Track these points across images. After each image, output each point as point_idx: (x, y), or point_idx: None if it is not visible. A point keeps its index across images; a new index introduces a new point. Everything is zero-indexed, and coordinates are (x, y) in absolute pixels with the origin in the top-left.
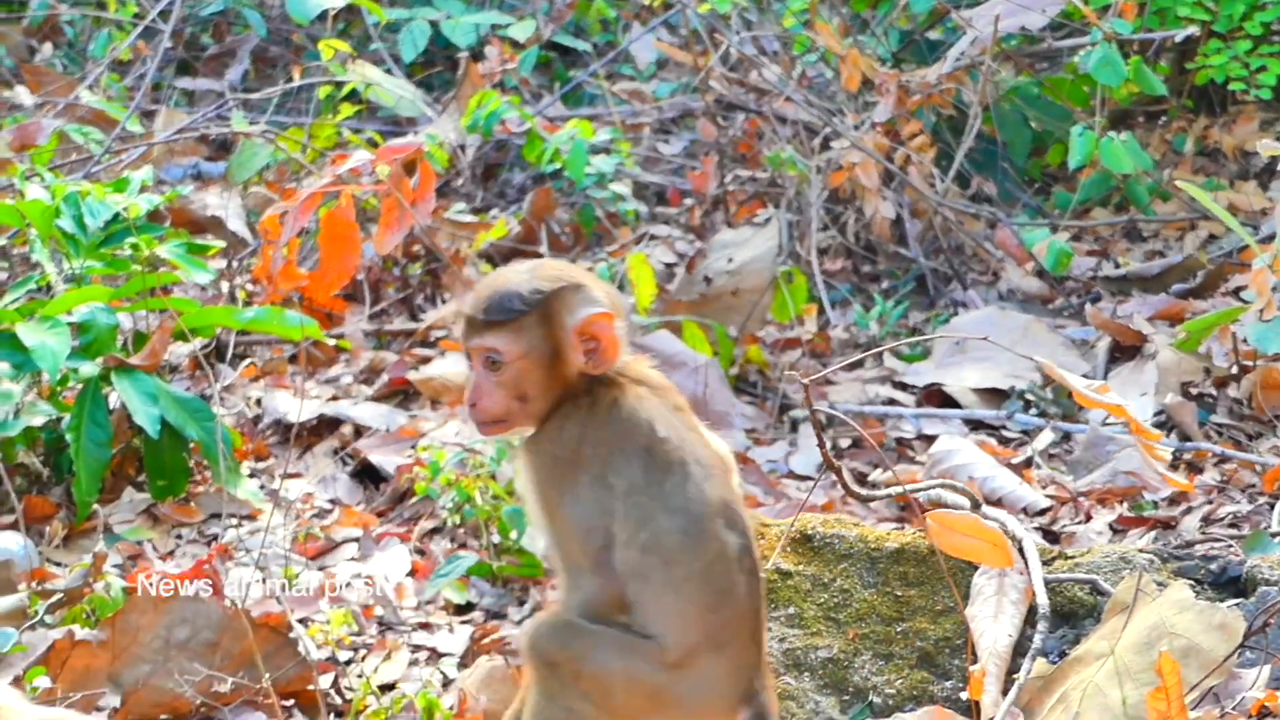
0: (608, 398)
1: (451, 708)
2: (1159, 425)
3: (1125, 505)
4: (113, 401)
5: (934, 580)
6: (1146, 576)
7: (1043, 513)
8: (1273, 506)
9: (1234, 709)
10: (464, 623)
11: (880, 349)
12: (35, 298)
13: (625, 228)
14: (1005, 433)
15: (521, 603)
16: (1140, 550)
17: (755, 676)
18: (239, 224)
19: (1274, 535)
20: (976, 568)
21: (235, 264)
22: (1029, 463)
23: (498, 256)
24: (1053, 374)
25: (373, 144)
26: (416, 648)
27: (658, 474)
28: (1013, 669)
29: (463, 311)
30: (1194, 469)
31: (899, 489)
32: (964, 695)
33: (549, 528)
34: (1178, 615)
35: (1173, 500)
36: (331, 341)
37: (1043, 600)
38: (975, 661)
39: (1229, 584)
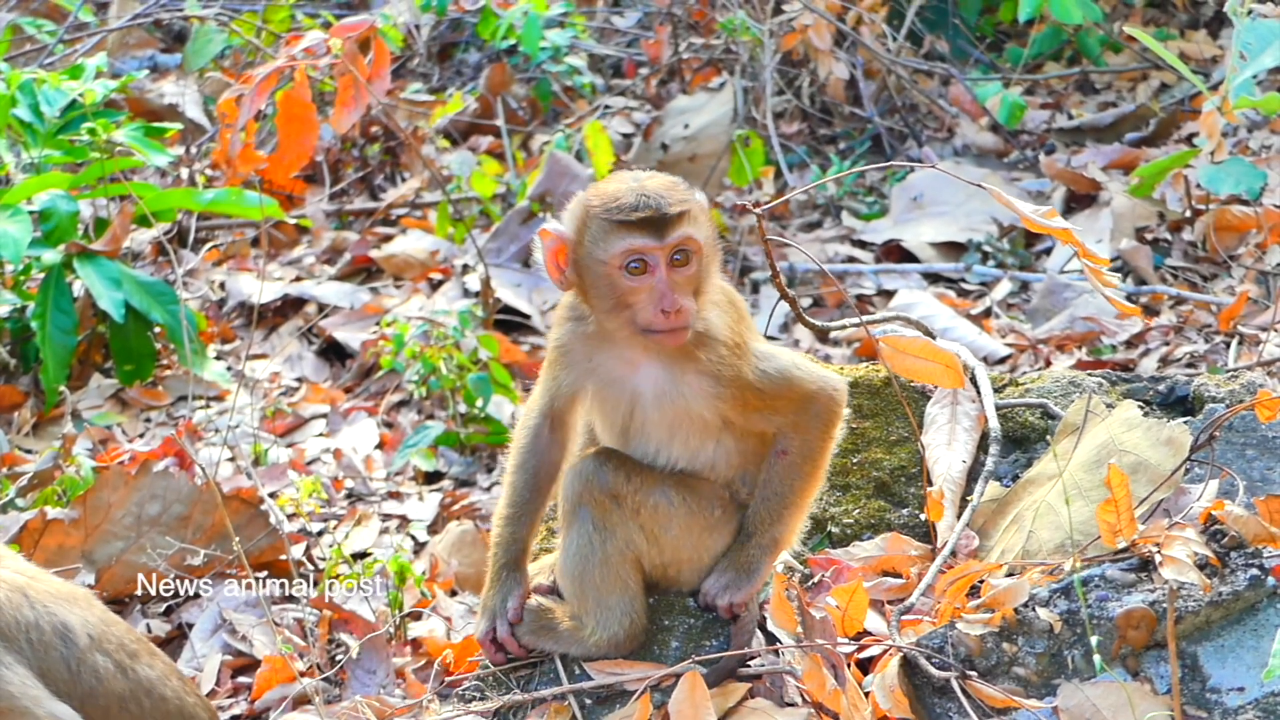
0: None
1: (423, 572)
2: (1115, 271)
3: (1084, 350)
4: (77, 289)
5: (887, 412)
6: (1096, 398)
7: (1003, 360)
8: (1228, 345)
9: (1182, 520)
10: (433, 491)
11: (831, 176)
12: None
13: (581, 100)
14: (964, 285)
15: (489, 469)
16: (1089, 374)
17: None
18: (196, 111)
19: (1230, 372)
20: (929, 399)
21: (194, 150)
22: (988, 313)
23: (456, 133)
24: (1000, 199)
25: (327, 26)
26: (386, 516)
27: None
28: (967, 494)
29: (637, 215)
30: (1151, 311)
31: (855, 320)
32: (921, 520)
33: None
34: (1126, 433)
35: (1130, 343)
36: (292, 222)
37: (995, 425)
38: (931, 487)
39: (1177, 403)
